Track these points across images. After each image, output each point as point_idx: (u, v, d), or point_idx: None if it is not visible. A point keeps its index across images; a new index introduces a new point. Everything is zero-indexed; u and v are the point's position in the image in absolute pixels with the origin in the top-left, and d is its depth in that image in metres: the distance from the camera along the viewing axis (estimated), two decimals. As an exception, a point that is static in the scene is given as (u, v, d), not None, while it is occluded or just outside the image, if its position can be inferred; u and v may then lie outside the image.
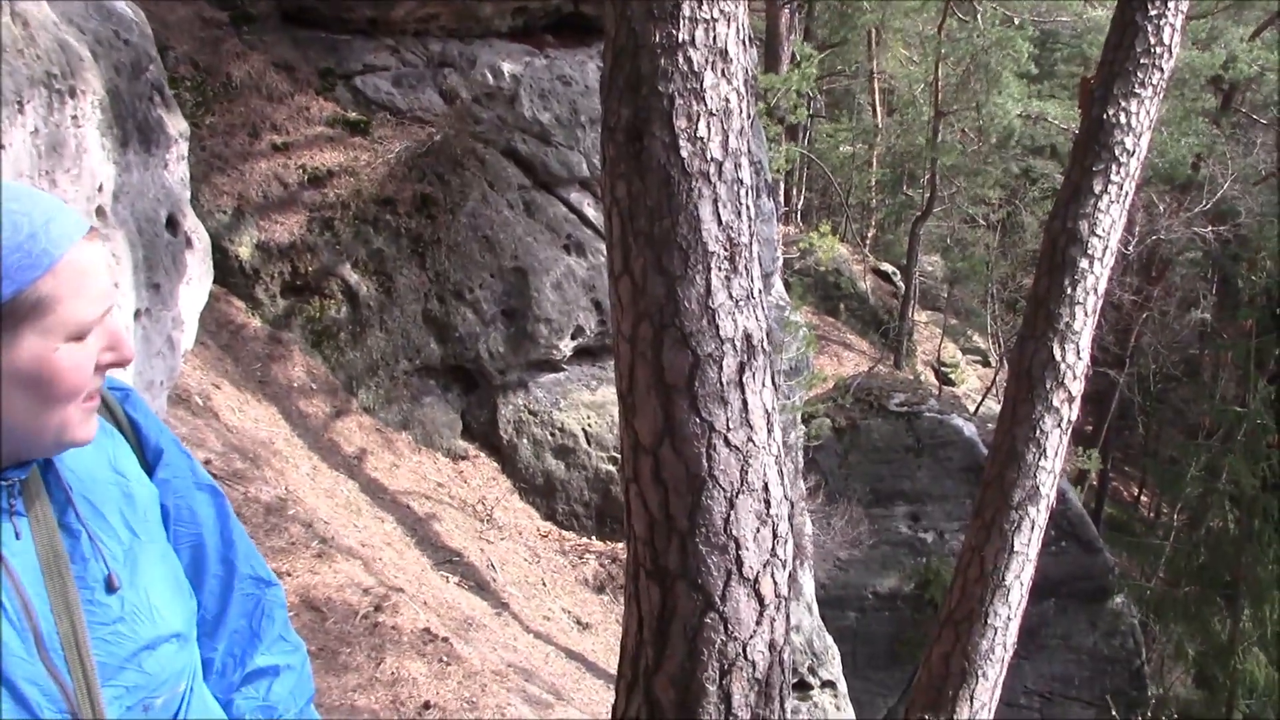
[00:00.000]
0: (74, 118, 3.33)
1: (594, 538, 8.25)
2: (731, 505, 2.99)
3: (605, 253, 8.33)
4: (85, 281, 1.18)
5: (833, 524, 13.80)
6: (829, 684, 9.25)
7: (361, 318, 7.78)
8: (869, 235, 26.05)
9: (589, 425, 8.34)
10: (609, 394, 8.32)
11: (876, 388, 17.59)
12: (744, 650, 3.03)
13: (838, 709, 9.26)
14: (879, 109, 25.75)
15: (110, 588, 1.28)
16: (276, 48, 8.53)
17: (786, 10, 18.93)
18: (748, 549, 3.00)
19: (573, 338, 8.33)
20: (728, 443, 2.98)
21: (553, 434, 8.24)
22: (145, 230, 3.93)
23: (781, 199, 21.06)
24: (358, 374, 7.77)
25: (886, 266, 24.10)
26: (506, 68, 8.70)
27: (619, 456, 8.13)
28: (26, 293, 1.13)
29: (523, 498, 8.18)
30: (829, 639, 9.58)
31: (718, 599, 3.00)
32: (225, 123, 7.94)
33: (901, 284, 21.58)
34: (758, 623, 3.03)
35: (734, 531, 2.99)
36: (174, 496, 1.46)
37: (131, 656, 1.29)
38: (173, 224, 4.22)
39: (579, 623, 7.33)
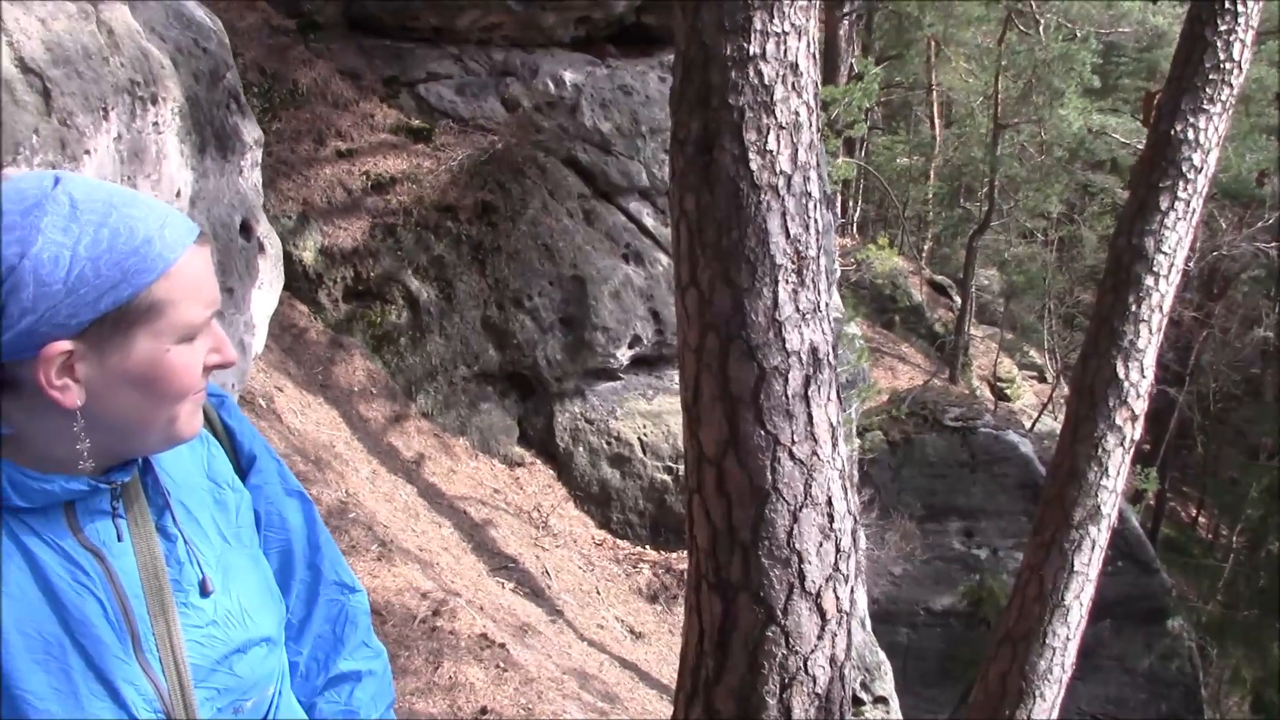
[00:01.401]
0: (155, 124, 3.40)
1: (648, 547, 8.25)
2: (795, 519, 2.98)
3: (664, 262, 8.37)
4: (195, 286, 1.21)
5: (886, 538, 13.70)
6: (881, 700, 9.18)
7: (421, 323, 7.85)
8: (925, 248, 25.86)
9: (645, 434, 8.35)
10: (665, 403, 8.32)
11: (931, 402, 17.43)
12: (805, 665, 3.02)
13: (889, 725, 9.19)
14: (937, 121, 25.57)
15: (204, 592, 1.31)
16: (342, 55, 8.65)
17: (845, 22, 18.88)
18: (810, 563, 2.99)
19: (630, 346, 8.34)
20: (792, 456, 2.97)
21: (609, 442, 8.25)
22: (220, 235, 4.00)
23: (839, 210, 20.97)
24: (417, 379, 7.84)
25: (943, 280, 23.93)
26: (568, 77, 8.76)
27: (674, 466, 8.18)
28: (142, 296, 1.16)
29: (578, 505, 8.20)
30: (881, 654, 9.51)
31: (780, 612, 2.99)
32: (291, 129, 8.06)
33: (958, 298, 21.39)
34: (819, 637, 3.03)
35: (797, 545, 2.98)
36: (265, 502, 1.49)
37: (223, 659, 1.32)
38: (246, 229, 4.30)
39: (632, 632, 7.33)
